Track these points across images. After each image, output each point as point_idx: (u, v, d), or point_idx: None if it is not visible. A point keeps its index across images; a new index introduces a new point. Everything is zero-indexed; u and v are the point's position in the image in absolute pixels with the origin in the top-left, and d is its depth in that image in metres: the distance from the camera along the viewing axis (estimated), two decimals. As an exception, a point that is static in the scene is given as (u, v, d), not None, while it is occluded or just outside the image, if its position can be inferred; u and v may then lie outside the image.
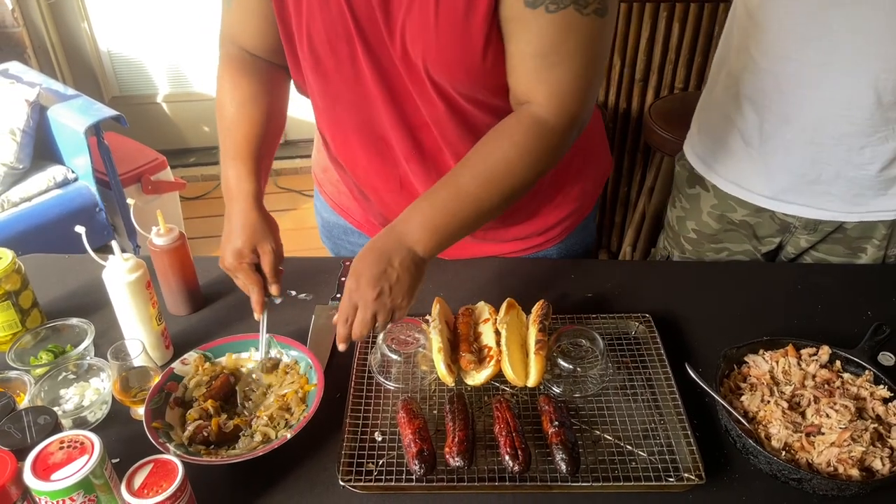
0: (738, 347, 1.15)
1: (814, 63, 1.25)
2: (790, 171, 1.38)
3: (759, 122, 1.37)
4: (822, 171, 1.35)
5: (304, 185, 3.95)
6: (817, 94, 1.27)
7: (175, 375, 1.11)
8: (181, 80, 3.95)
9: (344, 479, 0.97)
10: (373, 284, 0.99)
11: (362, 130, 1.19)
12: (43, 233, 2.66)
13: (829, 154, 1.32)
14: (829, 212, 1.41)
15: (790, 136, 1.34)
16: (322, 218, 1.58)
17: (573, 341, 1.16)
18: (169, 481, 0.85)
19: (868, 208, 1.39)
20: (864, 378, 1.10)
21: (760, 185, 1.44)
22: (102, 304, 1.23)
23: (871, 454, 0.97)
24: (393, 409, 1.08)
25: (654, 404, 1.10)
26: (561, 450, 0.97)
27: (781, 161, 1.38)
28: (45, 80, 2.94)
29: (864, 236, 1.44)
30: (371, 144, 1.21)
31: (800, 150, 1.34)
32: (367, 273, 0.99)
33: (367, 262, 1.00)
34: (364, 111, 1.15)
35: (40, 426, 0.90)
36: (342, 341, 1.04)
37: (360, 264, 1.01)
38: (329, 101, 1.18)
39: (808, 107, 1.29)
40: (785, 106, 1.32)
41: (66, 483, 0.80)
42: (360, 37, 1.04)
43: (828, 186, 1.37)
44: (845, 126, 1.27)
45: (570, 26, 0.95)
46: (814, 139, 1.31)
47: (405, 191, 1.27)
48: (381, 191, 1.31)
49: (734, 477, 1.00)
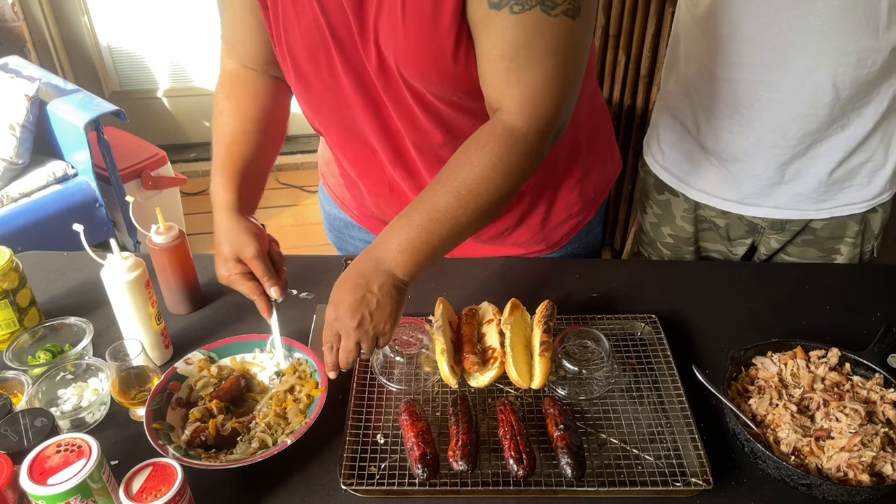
0: (745, 349, 1.14)
1: (771, 66, 1.23)
2: (754, 177, 1.37)
3: (717, 130, 1.35)
4: (785, 171, 1.34)
5: (306, 181, 3.93)
6: (778, 98, 1.25)
7: (178, 375, 1.10)
8: (182, 75, 3.92)
9: (346, 482, 0.95)
10: (352, 313, 0.96)
11: (347, 135, 1.19)
12: (42, 228, 2.64)
13: (793, 154, 1.31)
14: (797, 211, 1.40)
15: (752, 141, 1.32)
16: (325, 211, 1.58)
17: (578, 342, 1.14)
18: (168, 485, 0.83)
19: (835, 203, 1.38)
20: (874, 381, 1.08)
21: (727, 191, 1.42)
22: (101, 302, 1.22)
23: (882, 459, 0.96)
24: (395, 411, 1.07)
25: (660, 407, 1.08)
26: (566, 454, 0.95)
27: (744, 167, 1.37)
28: (45, 74, 2.92)
29: (835, 236, 1.44)
30: (358, 150, 1.21)
31: (763, 155, 1.33)
32: (346, 301, 0.97)
33: (346, 289, 0.98)
34: (346, 118, 1.14)
35: (37, 429, 0.88)
36: (331, 369, 1.02)
37: (338, 293, 0.98)
38: (314, 108, 1.18)
39: (770, 111, 1.27)
40: (745, 113, 1.30)
41: (64, 487, 0.79)
42: (336, 45, 1.03)
43: (793, 186, 1.36)
44: (808, 125, 1.26)
45: (536, 28, 0.92)
46: (776, 143, 1.30)
47: (395, 195, 1.27)
48: (372, 193, 1.31)
49: (742, 482, 0.99)
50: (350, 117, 1.14)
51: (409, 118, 1.10)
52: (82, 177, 2.82)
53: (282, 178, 3.95)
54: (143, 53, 3.85)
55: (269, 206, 3.72)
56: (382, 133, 1.14)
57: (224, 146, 1.16)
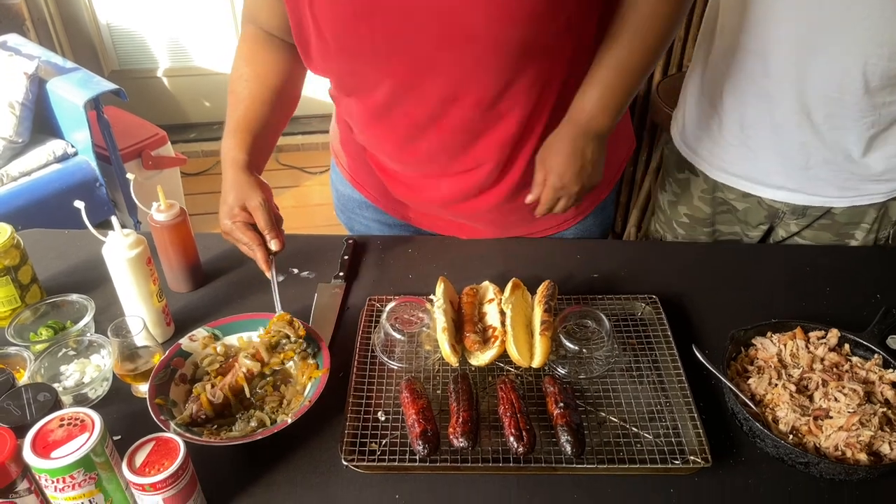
0: (745, 329, 1.14)
1: (803, 44, 1.21)
2: (778, 156, 1.35)
3: (744, 106, 1.34)
4: (809, 155, 1.32)
5: (307, 161, 3.92)
6: (806, 77, 1.23)
7: (182, 352, 1.10)
8: (182, 54, 3.90)
9: (347, 458, 0.96)
10: (576, 180, 1.15)
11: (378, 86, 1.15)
12: (43, 207, 2.64)
13: (817, 138, 1.29)
14: (819, 197, 1.39)
15: (778, 120, 1.31)
16: (337, 191, 1.57)
17: (579, 322, 1.15)
18: (171, 460, 0.84)
19: (858, 192, 1.37)
20: (872, 362, 1.09)
21: (747, 170, 1.41)
22: (103, 280, 1.22)
23: (880, 438, 0.96)
24: (396, 389, 1.07)
25: (660, 386, 1.09)
26: (566, 431, 0.96)
27: (768, 145, 1.35)
28: (44, 52, 2.91)
29: (853, 222, 1.43)
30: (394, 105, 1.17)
31: (787, 135, 1.31)
32: (569, 171, 1.13)
33: (565, 160, 1.13)
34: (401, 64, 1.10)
35: (40, 403, 0.89)
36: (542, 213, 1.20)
37: (558, 164, 1.14)
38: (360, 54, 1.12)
39: (797, 89, 1.25)
40: (771, 88, 1.28)
41: (67, 461, 0.79)
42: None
43: (816, 171, 1.34)
44: (834, 108, 1.25)
45: None
46: (801, 123, 1.28)
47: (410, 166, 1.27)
48: (392, 155, 1.31)
49: (740, 460, 1.00)
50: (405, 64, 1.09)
51: (478, 61, 1.07)
52: (82, 156, 2.81)
53: (283, 160, 3.94)
54: (142, 32, 3.82)
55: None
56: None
57: (241, 109, 1.19)
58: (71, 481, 0.80)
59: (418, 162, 1.28)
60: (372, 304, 1.23)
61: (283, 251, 1.14)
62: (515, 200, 1.30)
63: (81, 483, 0.81)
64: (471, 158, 1.23)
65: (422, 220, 1.48)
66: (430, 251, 1.41)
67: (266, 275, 1.14)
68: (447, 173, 1.28)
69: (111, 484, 0.85)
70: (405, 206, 1.45)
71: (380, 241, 1.44)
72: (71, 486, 0.81)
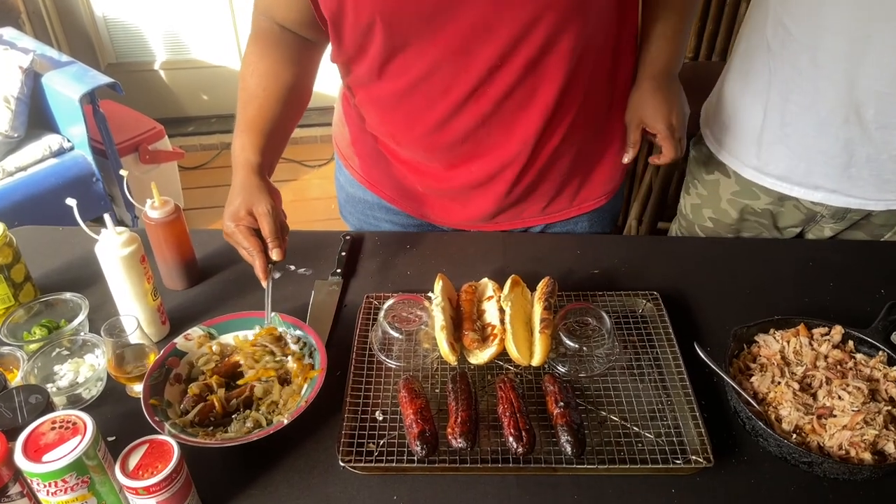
0: (748, 326, 1.12)
1: (856, 36, 1.16)
2: (819, 154, 1.31)
3: (787, 101, 1.29)
4: (853, 153, 1.27)
5: (305, 155, 3.90)
6: (857, 70, 1.18)
7: (177, 351, 1.09)
8: (179, 47, 3.87)
9: (344, 459, 0.95)
10: (683, 119, 1.28)
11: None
12: (39, 203, 2.62)
13: (864, 135, 1.24)
14: (856, 199, 1.34)
15: (823, 115, 1.26)
16: (347, 193, 1.54)
17: (579, 319, 1.13)
18: (164, 462, 0.82)
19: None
20: (877, 359, 1.07)
21: (784, 170, 1.37)
22: (97, 278, 1.20)
23: (885, 437, 0.95)
24: (394, 388, 1.06)
25: (661, 384, 1.07)
26: (566, 431, 0.94)
27: (810, 143, 1.30)
28: (40, 46, 2.88)
29: (889, 224, 1.40)
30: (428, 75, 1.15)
31: (832, 131, 1.26)
32: (675, 116, 1.25)
33: (668, 105, 1.25)
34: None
35: (32, 405, 0.87)
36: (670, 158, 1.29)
37: (668, 113, 1.24)
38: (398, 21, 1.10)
39: (847, 83, 1.20)
40: (819, 82, 1.23)
41: (59, 464, 0.78)
42: None
43: (858, 170, 1.30)
44: (885, 105, 1.20)
45: None
46: (848, 118, 1.23)
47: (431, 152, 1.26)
48: (413, 143, 1.28)
49: (743, 460, 0.98)
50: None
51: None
52: (78, 150, 2.80)
53: (280, 153, 3.92)
54: (139, 25, 3.79)
55: (268, 181, 3.69)
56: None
57: (253, 106, 1.17)
58: (63, 485, 0.79)
59: (451, 144, 1.25)
60: (370, 301, 1.21)
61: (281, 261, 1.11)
62: (548, 177, 1.33)
63: (74, 487, 0.80)
64: (508, 131, 1.22)
65: (440, 216, 1.45)
66: (428, 248, 1.40)
67: (262, 284, 1.12)
68: (478, 154, 1.26)
69: (104, 487, 0.83)
70: (423, 203, 1.43)
71: (378, 238, 1.43)
72: (63, 489, 0.79)
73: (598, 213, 1.46)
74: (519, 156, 1.26)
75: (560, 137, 1.25)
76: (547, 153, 1.27)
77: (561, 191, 1.39)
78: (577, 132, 1.26)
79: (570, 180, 1.37)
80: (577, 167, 1.35)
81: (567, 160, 1.31)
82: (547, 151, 1.27)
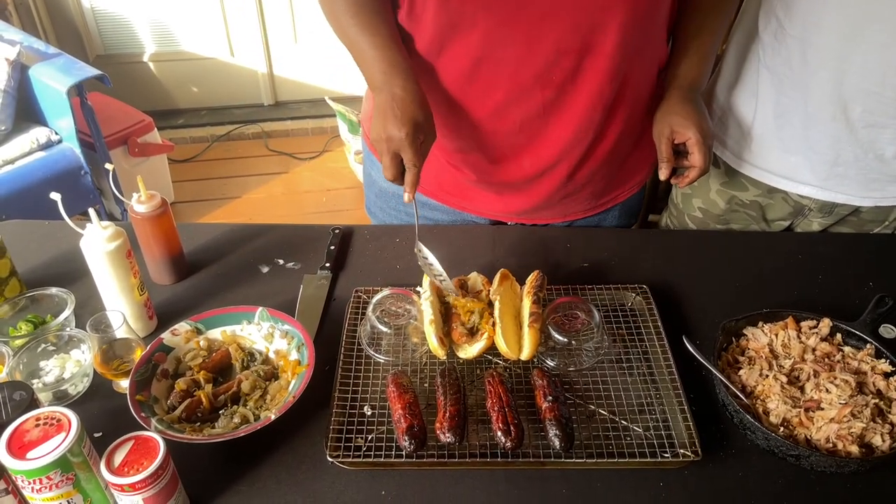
0: (736, 320, 1.13)
1: (845, 33, 1.16)
2: (808, 149, 1.31)
3: (779, 95, 1.30)
4: (840, 151, 1.28)
5: (296, 147, 3.88)
6: (846, 68, 1.18)
7: (164, 346, 1.08)
8: (168, 39, 3.83)
9: (332, 454, 0.95)
10: (711, 127, 1.23)
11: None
12: (27, 196, 2.60)
13: (850, 134, 1.25)
14: (843, 195, 1.35)
15: (811, 111, 1.26)
16: (379, 188, 1.50)
17: (568, 313, 1.12)
18: (150, 459, 0.82)
19: (883, 194, 1.34)
20: (865, 352, 1.07)
21: (773, 163, 1.37)
22: (83, 272, 1.19)
23: (872, 430, 0.95)
24: (382, 383, 1.05)
25: (650, 378, 1.07)
26: (554, 425, 0.94)
27: (800, 137, 1.31)
28: (27, 38, 2.85)
29: (877, 220, 1.41)
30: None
31: (821, 127, 1.27)
32: (705, 123, 1.21)
33: (697, 115, 1.21)
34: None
35: (16, 402, 0.87)
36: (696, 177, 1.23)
37: (699, 120, 1.20)
38: None
39: (835, 80, 1.20)
40: (809, 77, 1.23)
41: (43, 462, 0.77)
42: None
43: (845, 169, 1.30)
44: (872, 104, 1.20)
45: None
46: (836, 116, 1.24)
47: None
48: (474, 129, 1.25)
49: (731, 453, 0.99)
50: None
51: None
52: (66, 143, 2.77)
53: (272, 146, 3.90)
54: (127, 16, 3.75)
55: (258, 174, 3.68)
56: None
57: (385, 29, 1.13)
58: (48, 482, 0.79)
59: (507, 133, 1.24)
60: (358, 295, 1.21)
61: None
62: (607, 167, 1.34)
63: (59, 484, 0.79)
64: (566, 122, 1.22)
65: (481, 208, 1.44)
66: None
67: (406, 197, 1.05)
68: (532, 146, 1.25)
69: (90, 484, 0.83)
70: (465, 196, 1.41)
71: (367, 232, 1.42)
72: (48, 486, 0.79)
73: (627, 203, 1.47)
74: (573, 150, 1.25)
75: (618, 131, 1.26)
76: (605, 149, 1.28)
77: (607, 187, 1.39)
78: (630, 126, 1.27)
79: (618, 175, 1.38)
80: (622, 159, 1.35)
81: (619, 154, 1.32)
82: (605, 147, 1.27)
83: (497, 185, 1.36)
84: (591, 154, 1.28)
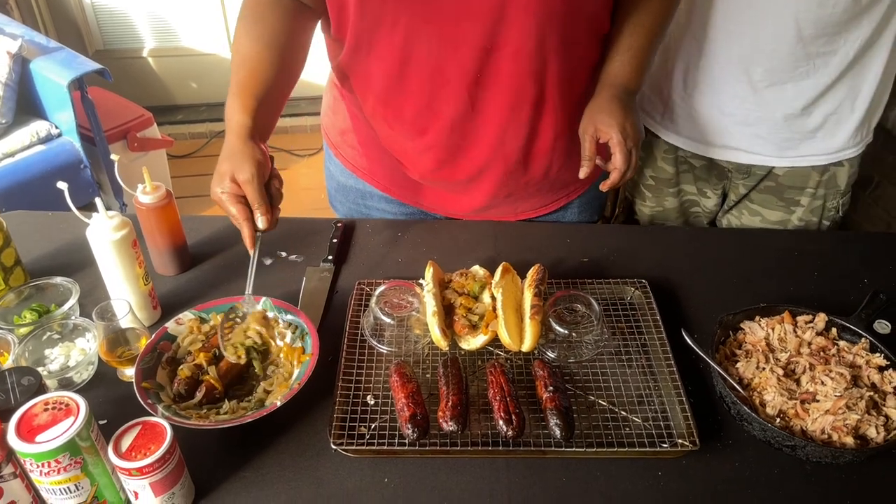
0: (734, 314, 1.14)
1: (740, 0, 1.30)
2: (719, 114, 1.42)
3: (687, 64, 1.41)
4: (748, 112, 1.39)
5: (295, 144, 3.89)
6: (742, 30, 1.30)
7: (168, 335, 1.09)
8: (168, 35, 3.84)
9: (336, 442, 0.96)
10: (636, 131, 1.19)
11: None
12: (27, 189, 2.61)
13: (755, 94, 1.36)
14: (760, 156, 1.45)
15: (716, 75, 1.37)
16: (338, 182, 1.54)
17: (568, 306, 1.14)
18: (157, 444, 0.83)
19: (798, 153, 1.43)
20: (859, 346, 1.09)
21: (691, 130, 1.48)
22: (87, 262, 1.20)
23: (866, 422, 0.97)
24: (386, 373, 1.07)
25: (648, 370, 1.09)
26: (555, 415, 0.96)
27: (710, 103, 1.41)
28: (28, 31, 2.86)
29: (796, 185, 1.48)
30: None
31: (726, 91, 1.38)
32: (628, 123, 1.17)
33: (623, 115, 1.18)
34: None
35: (24, 387, 0.88)
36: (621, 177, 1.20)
37: (617, 119, 1.17)
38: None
39: (734, 43, 1.32)
40: (712, 44, 1.35)
41: (52, 445, 0.78)
42: None
43: (756, 129, 1.41)
44: (769, 62, 1.31)
45: None
46: (739, 78, 1.35)
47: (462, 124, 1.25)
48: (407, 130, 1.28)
49: (728, 443, 1.00)
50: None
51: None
52: (66, 137, 2.78)
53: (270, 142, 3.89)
54: (127, 11, 3.76)
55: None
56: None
57: (246, 69, 1.13)
58: (56, 465, 0.79)
59: (441, 132, 1.25)
60: (361, 287, 1.22)
61: (272, 230, 1.06)
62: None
63: (67, 467, 0.80)
64: (500, 125, 1.23)
65: (434, 205, 1.46)
66: (419, 236, 1.40)
67: (249, 252, 1.08)
68: (469, 146, 1.27)
69: (97, 468, 0.84)
70: (418, 192, 1.43)
71: (369, 226, 1.43)
72: (56, 470, 0.80)
73: (585, 198, 1.48)
74: (506, 148, 1.26)
75: (552, 130, 1.25)
76: (543, 147, 1.28)
77: (554, 184, 1.40)
78: (566, 125, 1.27)
79: (563, 173, 1.38)
80: (566, 157, 1.35)
81: (561, 153, 1.32)
82: (543, 145, 1.27)
83: (441, 183, 1.38)
84: (530, 152, 1.29)
